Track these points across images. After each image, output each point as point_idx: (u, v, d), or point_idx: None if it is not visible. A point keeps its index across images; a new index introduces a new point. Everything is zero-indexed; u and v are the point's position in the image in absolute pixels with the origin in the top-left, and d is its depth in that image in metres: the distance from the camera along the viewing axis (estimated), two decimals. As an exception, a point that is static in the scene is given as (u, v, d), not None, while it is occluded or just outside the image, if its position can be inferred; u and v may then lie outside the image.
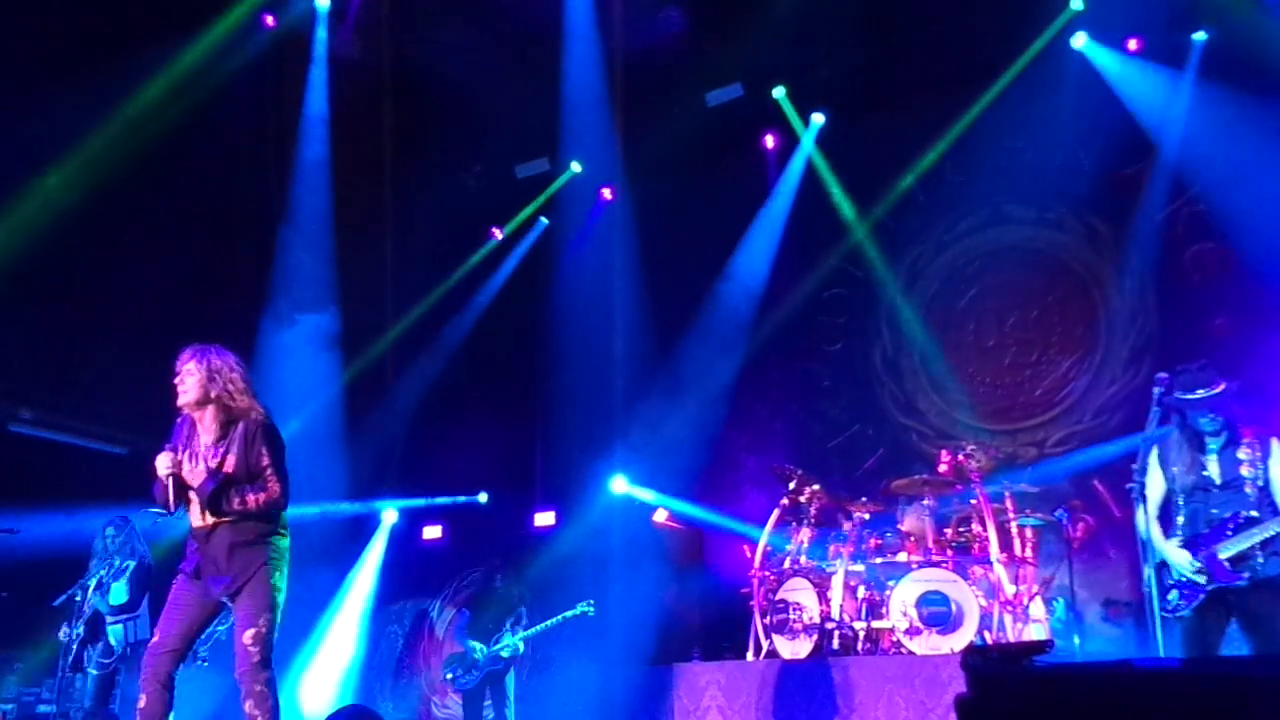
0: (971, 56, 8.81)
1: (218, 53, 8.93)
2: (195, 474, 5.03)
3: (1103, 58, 8.77)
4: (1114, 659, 6.90)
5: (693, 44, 9.60)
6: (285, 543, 5.12)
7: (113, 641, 7.22)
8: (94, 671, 7.22)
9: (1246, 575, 5.25)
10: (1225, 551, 5.27)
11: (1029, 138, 9.27)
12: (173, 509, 5.02)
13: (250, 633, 4.91)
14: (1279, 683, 1.94)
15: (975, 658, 2.11)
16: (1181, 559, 5.33)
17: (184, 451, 5.11)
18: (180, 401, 5.17)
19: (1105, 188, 9.08)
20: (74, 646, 7.20)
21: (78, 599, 7.19)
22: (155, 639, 5.02)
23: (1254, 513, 5.30)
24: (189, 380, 5.12)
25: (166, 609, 5.08)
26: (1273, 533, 5.24)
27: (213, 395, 5.10)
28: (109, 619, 7.21)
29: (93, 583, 7.23)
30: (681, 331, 10.23)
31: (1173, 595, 5.32)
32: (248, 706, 4.90)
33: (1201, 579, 5.28)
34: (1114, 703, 1.91)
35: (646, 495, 9.49)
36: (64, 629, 7.22)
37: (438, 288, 10.88)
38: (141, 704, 4.94)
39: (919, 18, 8.92)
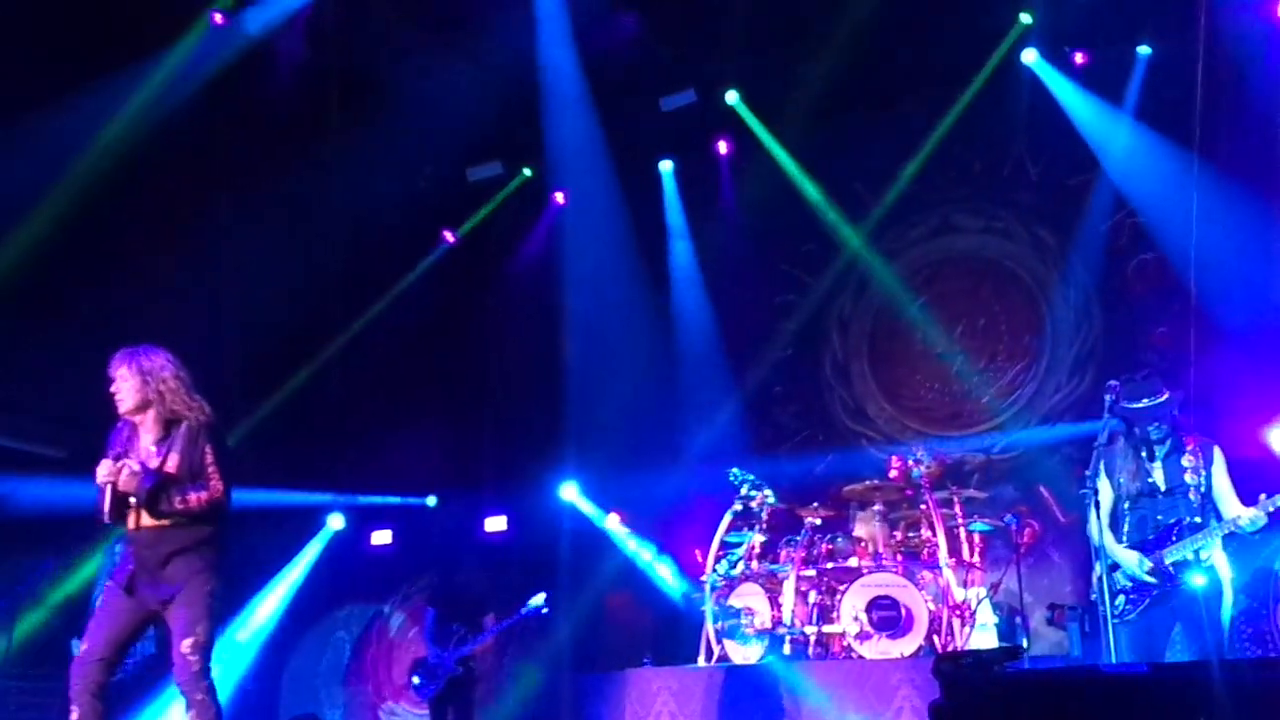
0: (923, 68, 8.90)
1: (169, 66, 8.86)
2: (128, 480, 4.90)
3: (1050, 76, 8.92)
4: (1066, 662, 7.02)
5: (647, 49, 9.60)
6: (222, 548, 5.02)
7: None
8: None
9: (1190, 578, 5.35)
10: (1170, 556, 5.38)
11: (978, 148, 9.41)
12: (108, 518, 4.92)
13: (189, 642, 4.83)
14: (1242, 687, 1.97)
15: (948, 664, 2.14)
16: (1133, 560, 5.43)
17: (125, 455, 5.00)
18: (121, 410, 5.06)
19: (1052, 198, 9.23)
20: None
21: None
22: (85, 648, 4.91)
23: (1197, 518, 5.42)
24: (124, 387, 5.03)
25: (96, 617, 4.99)
26: (1215, 538, 5.36)
27: (150, 398, 5.01)
28: None
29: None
30: (633, 336, 10.23)
31: (1120, 600, 5.41)
32: (191, 716, 4.83)
33: (1153, 579, 5.38)
34: (1083, 707, 1.94)
35: (590, 508, 9.47)
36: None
37: (387, 289, 10.78)
38: (74, 716, 4.84)
39: (871, 28, 8.98)
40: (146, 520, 4.94)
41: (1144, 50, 8.63)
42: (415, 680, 8.05)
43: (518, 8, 9.17)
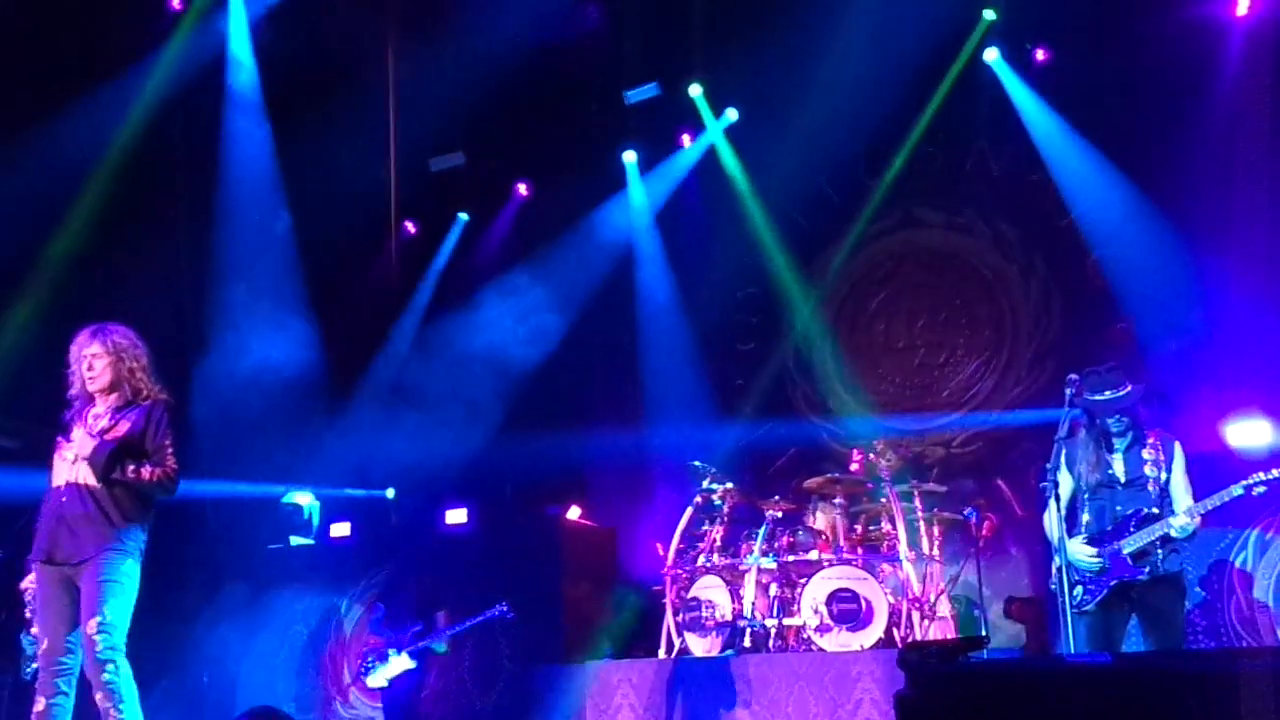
0: (886, 60, 8.91)
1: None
2: (83, 442, 4.88)
3: (1009, 77, 8.98)
4: (1028, 654, 7.08)
5: (611, 41, 9.57)
6: (144, 532, 4.98)
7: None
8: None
9: (1147, 570, 5.41)
10: (1128, 547, 5.43)
11: (940, 142, 9.43)
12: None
13: (95, 621, 4.76)
14: (1203, 678, 1.98)
15: (913, 655, 2.13)
16: (1082, 552, 5.48)
17: (73, 422, 5.01)
18: (92, 388, 5.01)
19: (1012, 193, 9.28)
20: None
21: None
22: (45, 644, 4.86)
23: (1155, 510, 5.47)
24: (98, 364, 4.99)
25: (39, 607, 4.93)
26: (1160, 534, 5.41)
27: (122, 375, 4.98)
28: None
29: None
30: (594, 328, 10.20)
31: (1078, 590, 5.45)
32: (99, 699, 4.78)
33: (1096, 564, 5.43)
34: (1048, 697, 1.94)
35: (550, 502, 9.42)
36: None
37: (348, 278, 10.68)
38: (39, 707, 4.80)
39: (837, 22, 9.00)
40: (80, 478, 4.88)
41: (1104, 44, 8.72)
42: (366, 664, 7.97)
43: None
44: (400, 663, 7.69)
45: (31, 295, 8.68)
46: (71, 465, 4.91)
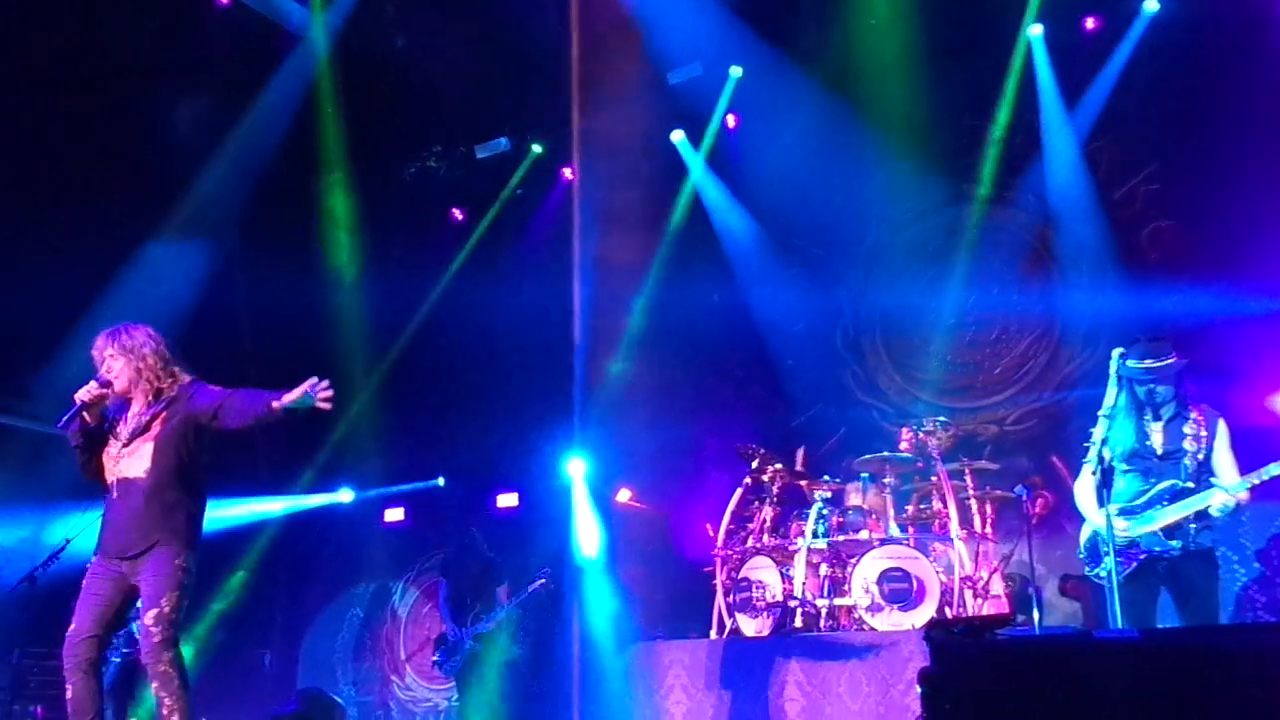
0: (930, 35, 8.80)
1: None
2: (128, 452, 4.99)
3: (1041, 58, 8.87)
4: (1073, 631, 7.00)
5: (653, 22, 9.53)
6: (197, 522, 5.07)
7: (135, 630, 7.24)
8: (115, 659, 7.34)
9: (1179, 544, 5.32)
10: (1160, 520, 5.34)
11: (986, 115, 9.29)
12: (62, 422, 5.00)
13: (153, 614, 4.86)
14: (1233, 654, 1.95)
15: (938, 631, 2.12)
16: (1112, 524, 5.39)
17: (120, 419, 5.11)
18: (116, 389, 5.11)
19: (1063, 165, 9.12)
20: None
21: None
22: (72, 626, 4.93)
23: (1189, 484, 5.37)
24: (115, 365, 5.09)
25: (81, 593, 5.00)
26: (1205, 504, 5.30)
27: (135, 375, 5.08)
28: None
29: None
30: (642, 312, 10.20)
31: (1107, 562, 5.37)
32: (154, 688, 4.86)
33: (1124, 536, 5.35)
34: (1074, 673, 1.92)
35: (588, 488, 9.42)
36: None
37: (396, 268, 10.78)
38: (69, 694, 4.88)
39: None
40: (125, 472, 4.99)
41: (1151, 8, 8.54)
42: (436, 657, 8.09)
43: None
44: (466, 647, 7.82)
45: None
46: (116, 465, 5.02)
